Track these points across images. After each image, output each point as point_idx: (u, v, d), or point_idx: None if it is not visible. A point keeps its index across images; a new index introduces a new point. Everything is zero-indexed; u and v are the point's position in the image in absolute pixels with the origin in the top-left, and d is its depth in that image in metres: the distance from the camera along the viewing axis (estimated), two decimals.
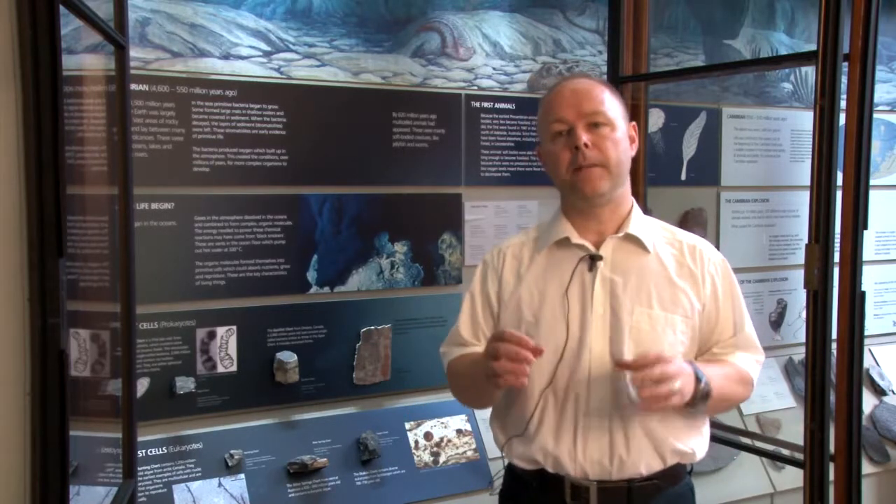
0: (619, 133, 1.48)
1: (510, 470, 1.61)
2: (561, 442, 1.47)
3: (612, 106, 1.49)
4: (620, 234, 1.51)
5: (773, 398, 3.08)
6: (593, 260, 1.50)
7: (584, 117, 1.47)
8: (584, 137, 1.45)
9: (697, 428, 1.52)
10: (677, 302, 1.49)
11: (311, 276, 2.49)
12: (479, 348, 1.59)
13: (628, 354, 1.45)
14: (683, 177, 3.08)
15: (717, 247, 3.18)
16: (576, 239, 1.52)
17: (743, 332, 1.55)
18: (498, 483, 1.69)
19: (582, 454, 1.46)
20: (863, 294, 1.80)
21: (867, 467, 2.92)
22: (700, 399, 1.39)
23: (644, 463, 1.46)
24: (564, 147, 1.48)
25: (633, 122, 1.56)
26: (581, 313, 1.48)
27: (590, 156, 1.45)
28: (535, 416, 1.49)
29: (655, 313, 1.47)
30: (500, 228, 2.75)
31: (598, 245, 1.52)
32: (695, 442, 1.51)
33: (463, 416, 2.60)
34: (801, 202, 3.09)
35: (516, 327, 1.52)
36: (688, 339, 1.49)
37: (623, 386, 1.44)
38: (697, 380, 1.38)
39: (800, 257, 2.07)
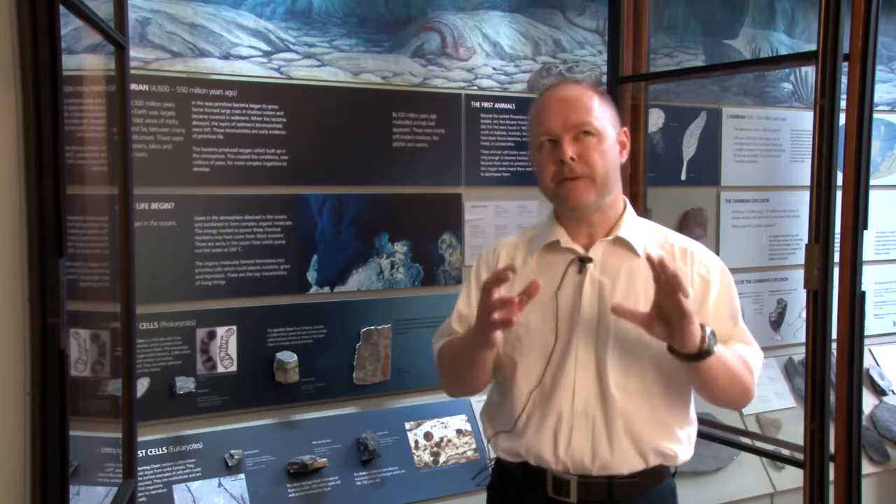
0: (606, 143, 1.47)
1: (498, 462, 1.64)
2: (544, 441, 1.49)
3: (600, 114, 1.48)
4: (610, 238, 1.52)
5: (773, 398, 3.08)
6: (583, 262, 1.50)
7: (570, 129, 1.46)
8: (570, 151, 1.44)
9: (682, 430, 1.52)
10: None
11: (311, 276, 2.49)
12: None
13: (612, 358, 1.46)
14: (683, 177, 3.08)
15: (717, 247, 3.19)
16: (565, 242, 1.53)
17: (738, 326, 1.54)
18: (483, 476, 1.70)
19: (564, 453, 1.48)
20: (863, 294, 1.80)
21: (867, 467, 2.91)
22: (707, 344, 1.35)
23: (626, 464, 1.48)
24: (550, 159, 1.48)
25: (625, 128, 1.55)
26: (570, 316, 1.49)
27: (575, 169, 1.45)
28: (522, 416, 1.51)
29: None
30: (500, 228, 2.75)
31: (588, 248, 1.52)
32: (678, 444, 1.51)
33: (463, 416, 2.60)
34: (801, 202, 3.09)
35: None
36: None
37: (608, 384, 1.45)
38: (703, 334, 1.35)
39: (800, 257, 2.07)
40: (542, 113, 1.50)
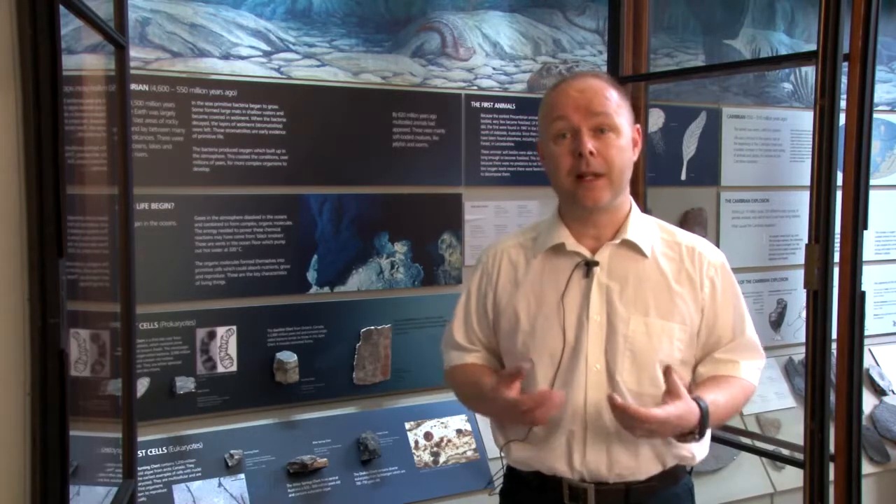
0: (624, 140, 1.43)
1: (510, 468, 1.61)
2: (558, 451, 1.46)
3: (619, 109, 1.43)
4: (617, 241, 1.48)
5: (773, 398, 3.08)
6: (589, 266, 1.47)
7: (590, 121, 1.41)
8: (590, 145, 1.39)
9: None
10: (675, 309, 1.46)
11: (311, 276, 2.49)
12: (476, 354, 1.60)
13: (623, 364, 1.43)
14: (683, 177, 3.08)
15: (717, 247, 3.18)
16: (571, 246, 1.49)
17: (744, 335, 1.52)
18: (498, 483, 1.70)
19: (580, 462, 1.45)
20: (863, 294, 1.79)
21: (867, 467, 2.91)
22: (691, 438, 1.39)
23: (643, 469, 1.46)
24: (567, 152, 1.42)
25: (638, 125, 1.51)
26: (577, 321, 1.46)
27: (593, 164, 1.40)
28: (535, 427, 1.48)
29: (652, 321, 1.44)
30: (500, 228, 2.75)
31: (595, 250, 1.48)
32: (695, 446, 1.49)
33: (463, 416, 2.60)
34: (801, 202, 3.09)
35: (512, 335, 1.51)
36: (685, 345, 1.47)
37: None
38: (701, 420, 1.36)
39: (800, 257, 2.07)
40: (560, 102, 1.44)
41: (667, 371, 1.36)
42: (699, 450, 1.51)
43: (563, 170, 1.44)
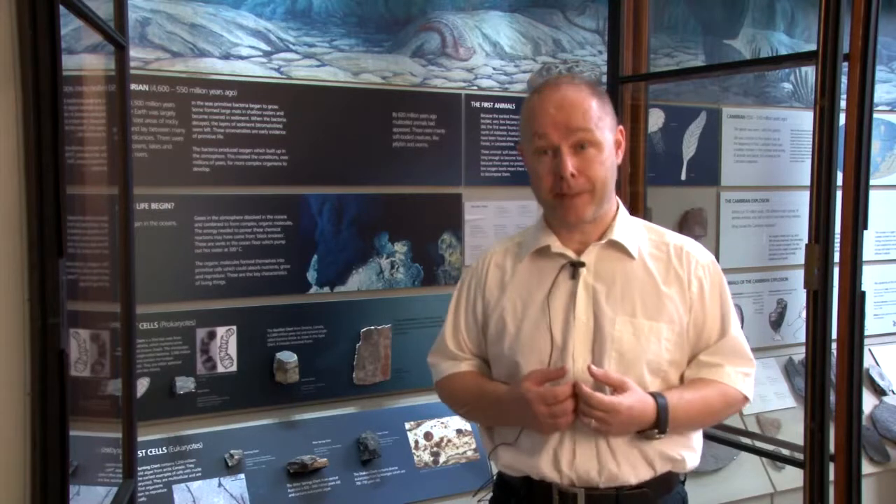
0: (605, 151, 1.42)
1: (500, 476, 1.60)
2: (547, 454, 1.45)
3: (599, 122, 1.42)
4: (603, 241, 1.47)
5: (773, 398, 3.08)
6: (575, 267, 1.46)
7: (570, 139, 1.40)
8: (570, 166, 1.39)
9: (688, 437, 1.50)
10: (663, 309, 1.45)
11: (311, 276, 2.49)
12: (468, 363, 1.60)
13: (610, 365, 1.42)
14: (683, 177, 3.08)
15: (717, 247, 3.18)
16: (556, 248, 1.48)
17: (728, 335, 1.49)
18: (485, 489, 1.69)
19: (568, 466, 1.44)
20: (863, 294, 1.80)
21: (867, 467, 2.92)
22: (652, 432, 1.41)
23: (633, 473, 1.44)
24: (548, 171, 1.42)
25: (621, 127, 1.50)
26: (564, 323, 1.45)
27: (574, 186, 1.40)
28: (523, 429, 1.47)
29: (639, 322, 1.44)
30: (500, 228, 2.75)
31: (581, 252, 1.48)
32: (684, 448, 1.48)
33: None
34: (801, 202, 3.09)
35: (500, 338, 1.51)
36: (673, 345, 1.45)
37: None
38: (658, 416, 1.38)
39: (800, 257, 2.07)
40: (539, 118, 1.43)
41: (604, 374, 1.39)
42: (691, 457, 1.49)
43: (545, 188, 1.44)
